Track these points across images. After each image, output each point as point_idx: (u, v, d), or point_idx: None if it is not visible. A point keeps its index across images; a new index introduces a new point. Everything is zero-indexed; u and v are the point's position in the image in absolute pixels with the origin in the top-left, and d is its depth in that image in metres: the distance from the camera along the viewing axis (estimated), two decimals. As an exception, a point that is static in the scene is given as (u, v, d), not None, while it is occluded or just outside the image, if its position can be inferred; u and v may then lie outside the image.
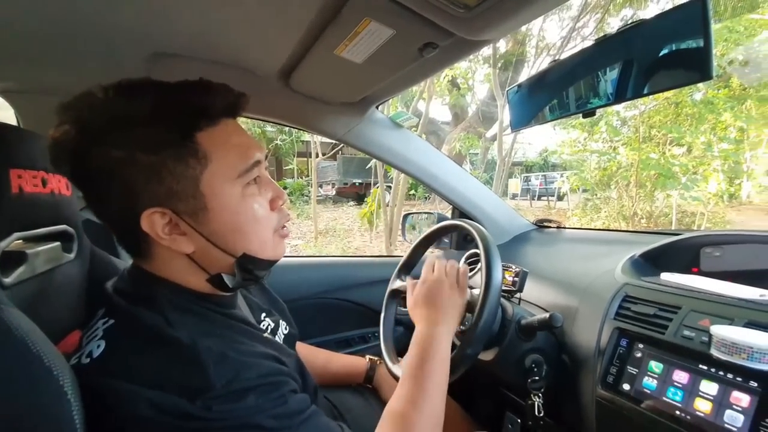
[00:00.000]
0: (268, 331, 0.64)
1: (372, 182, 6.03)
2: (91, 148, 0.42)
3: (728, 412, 0.53)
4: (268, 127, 10.02)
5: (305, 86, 0.92)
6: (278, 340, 0.63)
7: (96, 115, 0.43)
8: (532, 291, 0.96)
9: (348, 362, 0.91)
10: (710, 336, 0.56)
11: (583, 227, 3.54)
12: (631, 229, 3.61)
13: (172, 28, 0.69)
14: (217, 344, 0.44)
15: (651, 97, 4.94)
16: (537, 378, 0.76)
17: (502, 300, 0.81)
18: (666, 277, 0.77)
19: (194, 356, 0.42)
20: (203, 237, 0.47)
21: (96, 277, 0.61)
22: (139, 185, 0.43)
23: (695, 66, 0.53)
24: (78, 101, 0.43)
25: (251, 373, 0.44)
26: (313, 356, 0.90)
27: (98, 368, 0.42)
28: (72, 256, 0.57)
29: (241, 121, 0.58)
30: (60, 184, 0.53)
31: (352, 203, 10.43)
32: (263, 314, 0.67)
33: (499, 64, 5.83)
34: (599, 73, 0.66)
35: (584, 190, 6.66)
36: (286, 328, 0.70)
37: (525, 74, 6.09)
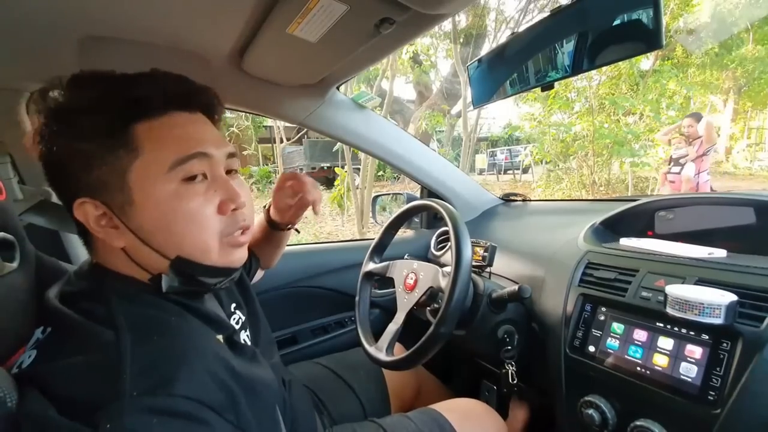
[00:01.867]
0: (239, 326, 0.61)
1: (340, 166, 5.95)
2: (49, 135, 0.44)
3: (683, 364, 0.57)
4: (227, 113, 9.62)
5: (259, 68, 0.87)
6: (245, 340, 0.59)
7: (50, 104, 0.44)
8: (501, 264, 0.98)
9: (259, 225, 0.83)
10: (665, 295, 0.59)
11: (547, 199, 3.67)
12: (591, 198, 3.78)
13: (105, 7, 0.63)
14: (155, 343, 0.40)
15: (600, 70, 5.15)
16: (509, 348, 0.79)
17: (473, 275, 0.83)
18: (624, 242, 0.81)
19: (114, 358, 0.37)
20: (131, 232, 0.45)
21: (45, 285, 0.56)
22: (75, 173, 0.44)
23: (646, 35, 0.54)
24: (41, 92, 0.45)
25: (181, 388, 0.37)
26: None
27: (22, 377, 0.39)
28: (14, 265, 0.52)
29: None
30: None
31: (322, 188, 10.20)
32: (233, 305, 0.63)
33: (461, 39, 5.81)
34: (556, 45, 0.66)
35: (547, 163, 6.89)
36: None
37: (486, 48, 6.10)
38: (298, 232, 0.85)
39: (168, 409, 0.35)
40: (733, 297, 0.54)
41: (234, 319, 0.61)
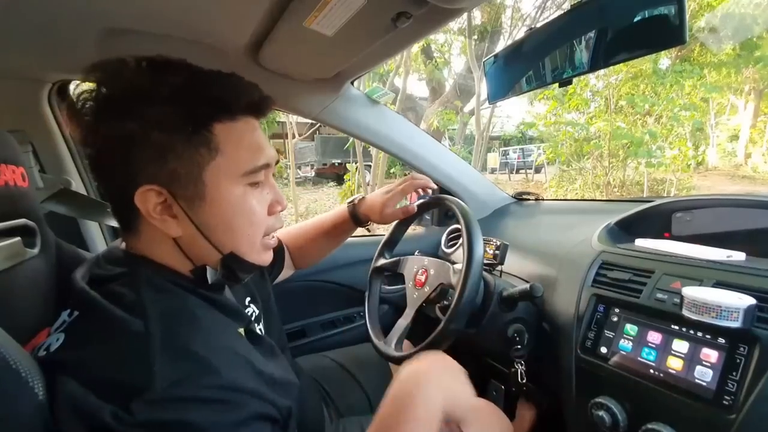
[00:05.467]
0: (253, 319, 0.62)
1: (352, 162, 5.97)
2: (110, 114, 0.42)
3: (698, 368, 0.55)
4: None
5: (275, 62, 0.88)
6: (260, 332, 0.60)
7: (121, 82, 0.43)
8: (512, 263, 0.97)
9: (333, 215, 0.89)
10: (681, 297, 0.58)
11: (560, 198, 3.62)
12: (606, 198, 3.73)
13: (125, 0, 0.64)
14: (184, 334, 0.41)
15: (616, 69, 5.05)
16: (519, 347, 0.78)
17: (484, 273, 0.82)
18: (640, 243, 0.79)
19: (143, 349, 0.38)
20: (194, 225, 0.46)
21: (65, 271, 0.57)
22: (144, 161, 0.43)
23: (669, 30, 0.53)
24: (108, 64, 0.43)
25: (211, 379, 0.38)
26: (307, 227, 0.92)
27: (51, 361, 0.40)
28: (35, 251, 0.53)
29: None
30: (15, 175, 0.49)
31: (332, 184, 10.31)
32: (248, 299, 0.65)
33: (475, 36, 5.76)
34: (574, 41, 0.65)
35: (560, 162, 6.80)
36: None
37: (501, 45, 6.04)
38: (369, 231, 0.94)
39: (199, 397, 0.37)
40: (752, 300, 0.53)
41: (248, 311, 0.62)
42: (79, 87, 0.45)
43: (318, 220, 0.93)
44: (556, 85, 0.70)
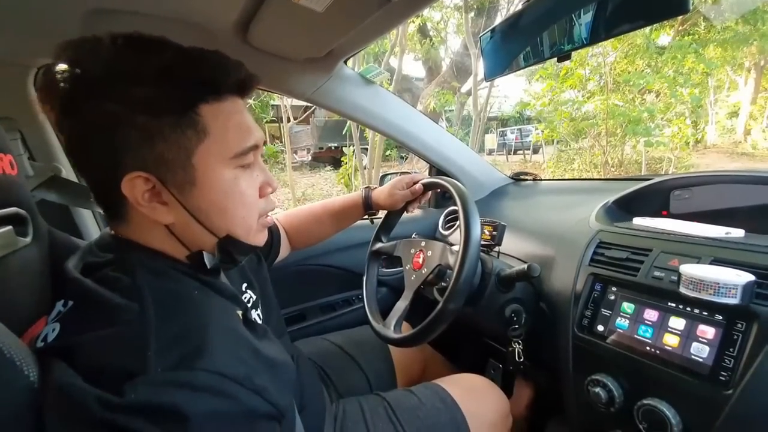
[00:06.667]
0: (250, 305, 0.62)
1: (348, 146, 5.91)
2: (86, 97, 0.39)
3: (695, 344, 0.56)
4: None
5: (265, 41, 0.85)
6: (257, 319, 0.60)
7: (99, 63, 0.39)
8: (510, 243, 0.97)
9: (344, 200, 0.93)
10: (679, 275, 0.58)
11: (558, 178, 3.61)
12: (604, 177, 3.72)
13: None
14: (181, 319, 0.40)
15: (615, 45, 4.94)
16: (517, 326, 0.79)
17: (482, 254, 0.82)
18: (638, 221, 0.79)
19: (139, 334, 0.37)
20: (187, 211, 0.45)
21: (59, 259, 0.57)
22: (129, 146, 0.41)
23: (671, 0, 0.51)
24: (83, 42, 0.40)
25: (208, 364, 0.37)
26: (315, 209, 0.94)
27: (49, 351, 0.39)
28: (28, 240, 0.52)
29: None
30: (2, 163, 0.48)
31: (329, 168, 10.23)
32: (244, 284, 0.64)
33: (472, 13, 5.62)
34: (573, 13, 0.63)
35: (558, 142, 6.75)
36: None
37: (498, 21, 5.90)
38: (372, 222, 0.97)
39: (191, 383, 0.36)
40: (751, 277, 0.52)
41: (245, 297, 0.62)
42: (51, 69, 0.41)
43: (328, 201, 0.94)
44: (555, 60, 0.68)
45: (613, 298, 0.68)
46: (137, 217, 0.45)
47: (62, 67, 0.39)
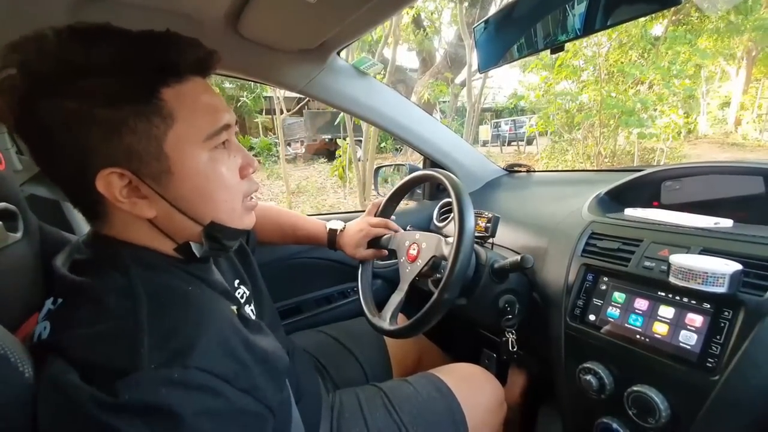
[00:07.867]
0: (243, 300, 0.62)
1: (342, 137, 5.87)
2: (41, 98, 0.37)
3: (683, 332, 0.57)
4: (227, 83, 9.37)
5: (256, 31, 0.84)
6: (250, 314, 0.59)
7: (47, 60, 0.37)
8: (504, 235, 0.98)
9: (311, 229, 0.93)
10: (669, 265, 0.59)
11: (551, 170, 3.63)
12: (596, 168, 3.74)
13: None
14: (174, 314, 0.40)
15: (609, 36, 4.94)
16: (510, 317, 0.80)
17: (476, 246, 0.82)
18: (629, 212, 0.80)
19: (131, 330, 0.36)
20: (167, 202, 0.43)
21: (50, 255, 0.56)
22: (95, 142, 0.39)
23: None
24: (26, 43, 0.38)
25: (201, 361, 0.37)
26: (283, 219, 0.93)
27: (44, 348, 0.39)
28: (18, 235, 0.52)
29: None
30: None
31: (323, 160, 10.18)
32: (236, 281, 0.63)
33: (466, 3, 5.57)
34: (566, 4, 0.63)
35: (551, 133, 6.77)
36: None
37: (493, 11, 5.86)
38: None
39: (184, 381, 0.35)
40: (738, 266, 0.53)
41: (238, 293, 0.61)
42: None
43: (299, 219, 0.94)
44: (549, 51, 0.68)
45: (604, 288, 0.69)
46: (118, 214, 0.44)
47: (9, 72, 0.37)
